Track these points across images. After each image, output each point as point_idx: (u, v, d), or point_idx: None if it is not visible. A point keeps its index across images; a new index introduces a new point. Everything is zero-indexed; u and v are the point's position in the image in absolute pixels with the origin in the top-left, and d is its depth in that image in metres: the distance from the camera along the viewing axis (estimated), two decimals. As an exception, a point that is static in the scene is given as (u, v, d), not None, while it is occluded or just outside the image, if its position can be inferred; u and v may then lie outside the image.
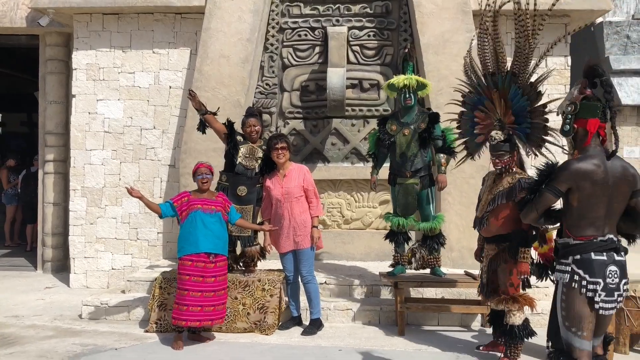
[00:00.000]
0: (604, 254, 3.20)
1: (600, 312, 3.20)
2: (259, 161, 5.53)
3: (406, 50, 5.84)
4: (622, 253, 3.28)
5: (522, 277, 4.23)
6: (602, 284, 3.15)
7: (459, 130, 4.70)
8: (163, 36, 7.42)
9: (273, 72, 7.27)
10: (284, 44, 7.25)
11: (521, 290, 4.43)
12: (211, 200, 5.10)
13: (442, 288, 5.72)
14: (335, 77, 6.70)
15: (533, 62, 3.99)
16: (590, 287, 3.16)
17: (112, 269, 7.37)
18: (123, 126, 7.41)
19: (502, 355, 4.48)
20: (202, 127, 5.65)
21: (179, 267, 4.99)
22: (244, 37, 6.95)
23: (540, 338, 4.95)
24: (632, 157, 14.94)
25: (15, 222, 10.52)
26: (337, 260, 7.00)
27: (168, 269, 6.01)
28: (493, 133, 4.24)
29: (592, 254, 3.19)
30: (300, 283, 5.43)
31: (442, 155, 5.62)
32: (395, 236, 5.77)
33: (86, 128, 7.42)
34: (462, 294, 5.72)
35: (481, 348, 4.85)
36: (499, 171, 4.32)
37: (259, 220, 5.61)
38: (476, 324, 5.64)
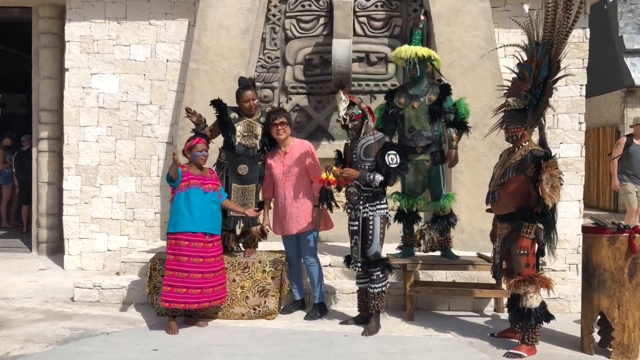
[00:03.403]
0: None
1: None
2: (259, 137, 5.19)
3: (422, 17, 5.50)
4: None
5: (522, 252, 4.14)
6: None
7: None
8: (160, 6, 7.06)
9: (275, 44, 6.91)
10: (287, 14, 6.88)
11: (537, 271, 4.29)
12: (207, 177, 4.82)
13: (452, 271, 5.43)
14: (341, 48, 6.34)
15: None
16: (390, 220, 4.76)
17: (108, 250, 7.09)
18: (118, 101, 7.08)
19: (520, 342, 4.18)
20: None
21: (171, 245, 4.66)
22: (245, 7, 6.59)
23: (559, 324, 4.68)
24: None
25: (12, 203, 10.28)
26: (342, 242, 6.67)
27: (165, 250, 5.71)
28: (511, 100, 4.27)
29: None
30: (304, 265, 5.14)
31: (453, 129, 5.31)
32: (404, 217, 5.46)
33: (80, 103, 7.10)
34: (474, 278, 5.43)
35: (496, 334, 4.57)
36: (509, 141, 4.33)
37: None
38: (489, 309, 5.35)
